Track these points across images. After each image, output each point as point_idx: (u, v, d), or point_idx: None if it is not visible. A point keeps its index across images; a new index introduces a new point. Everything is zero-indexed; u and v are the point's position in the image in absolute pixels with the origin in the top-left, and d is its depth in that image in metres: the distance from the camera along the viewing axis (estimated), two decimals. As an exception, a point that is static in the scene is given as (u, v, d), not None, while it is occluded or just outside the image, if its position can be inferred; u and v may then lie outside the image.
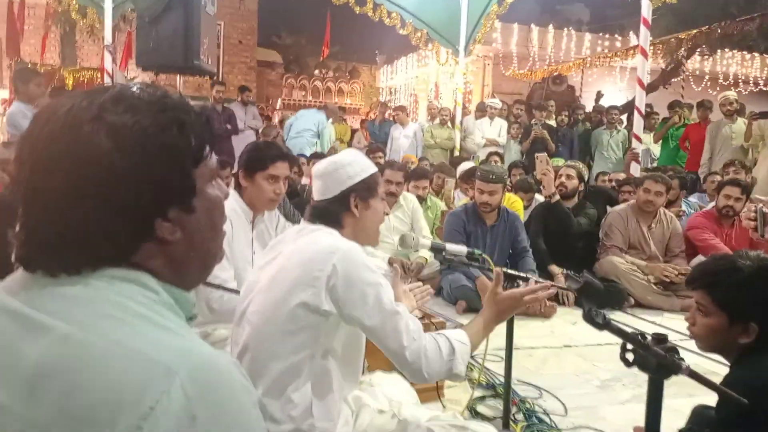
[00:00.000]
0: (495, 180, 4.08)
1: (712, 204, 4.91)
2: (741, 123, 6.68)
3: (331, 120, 8.89)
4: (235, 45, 14.76)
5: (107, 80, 6.58)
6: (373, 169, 1.77)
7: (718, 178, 5.63)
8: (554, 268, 4.33)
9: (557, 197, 4.57)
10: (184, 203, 0.74)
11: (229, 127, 7.61)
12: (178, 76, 6.72)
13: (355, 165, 1.73)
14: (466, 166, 5.95)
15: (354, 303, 1.53)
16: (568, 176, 4.72)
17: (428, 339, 1.60)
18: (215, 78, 7.33)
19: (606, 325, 1.24)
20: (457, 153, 8.25)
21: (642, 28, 5.73)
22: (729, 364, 1.65)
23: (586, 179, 4.97)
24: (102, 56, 7.03)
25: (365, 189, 1.72)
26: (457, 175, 5.94)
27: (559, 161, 7.17)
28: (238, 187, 2.65)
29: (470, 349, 1.66)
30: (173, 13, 5.23)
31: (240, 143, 7.60)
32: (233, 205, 2.59)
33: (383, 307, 1.54)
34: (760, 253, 1.62)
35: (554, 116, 8.58)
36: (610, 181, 6.15)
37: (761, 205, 1.70)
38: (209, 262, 0.83)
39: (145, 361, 0.63)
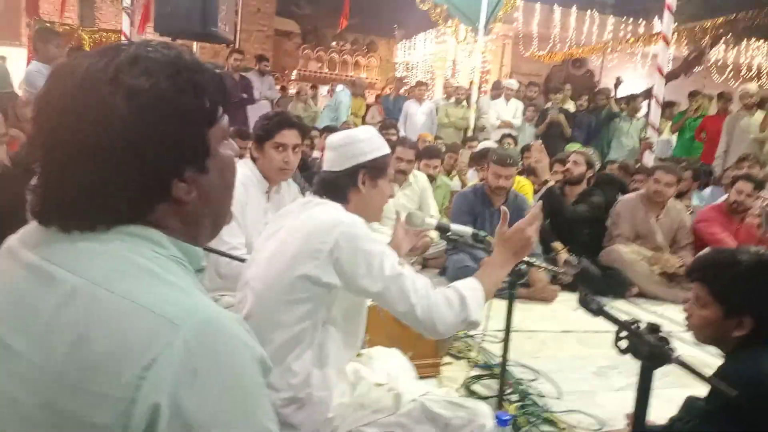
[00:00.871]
0: (511, 164, 4.07)
1: (724, 197, 4.88)
2: (760, 116, 6.60)
3: (350, 92, 8.93)
4: (254, 13, 14.65)
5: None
6: (387, 150, 1.79)
7: (734, 172, 5.58)
8: (557, 245, 4.39)
9: (551, 183, 4.59)
10: (199, 164, 0.76)
11: (245, 96, 7.60)
12: (194, 43, 6.70)
13: (369, 142, 1.75)
14: (485, 144, 5.88)
15: (359, 273, 1.56)
16: (575, 162, 4.70)
17: (437, 294, 1.62)
18: (232, 46, 7.30)
19: (599, 311, 1.26)
20: (470, 133, 8.21)
21: (665, 13, 5.64)
22: (723, 354, 1.67)
23: (597, 167, 4.93)
24: (121, 18, 7.03)
25: (375, 168, 1.74)
26: (472, 154, 5.92)
27: (576, 146, 7.14)
28: (253, 160, 2.68)
29: (483, 294, 1.65)
30: (192, -21, 5.21)
31: (255, 113, 7.59)
32: (248, 174, 2.62)
33: (387, 273, 1.57)
34: (760, 249, 1.63)
35: (572, 100, 8.47)
36: (620, 168, 6.11)
37: (767, 202, 1.71)
38: (221, 220, 0.85)
39: (151, 315, 0.65)
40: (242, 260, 2.13)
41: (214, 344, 0.67)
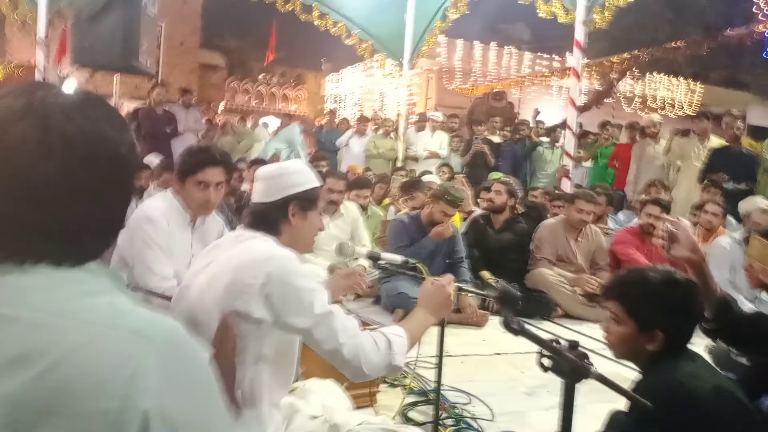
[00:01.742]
0: (460, 206, 4.33)
1: (636, 220, 5.21)
2: (664, 144, 7.11)
3: (300, 128, 9.10)
4: (177, 46, 14.45)
5: (38, 77, 6.33)
6: (317, 183, 1.81)
7: (644, 195, 5.97)
8: (485, 273, 4.55)
9: (476, 213, 4.79)
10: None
11: (168, 130, 7.45)
12: (114, 76, 6.54)
13: (300, 175, 1.77)
14: (429, 178, 5.94)
15: (289, 309, 1.56)
16: (497, 192, 4.91)
17: (364, 336, 1.64)
18: (155, 79, 7.17)
19: (521, 331, 1.33)
20: (399, 163, 8.38)
21: (575, 50, 6.03)
22: (639, 369, 1.78)
23: (519, 195, 5.15)
24: (35, 51, 6.76)
25: (306, 200, 1.75)
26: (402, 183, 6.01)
27: (498, 175, 7.41)
28: (177, 190, 2.63)
29: (408, 342, 1.70)
30: (112, 13, 5.14)
31: (179, 146, 7.46)
32: (168, 206, 2.57)
33: (317, 311, 1.57)
34: (667, 267, 1.76)
35: (498, 132, 8.83)
36: (543, 194, 6.40)
37: (670, 225, 1.85)
38: None
39: (120, 332, 0.69)
40: (168, 298, 2.07)
41: (182, 351, 0.74)
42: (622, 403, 1.89)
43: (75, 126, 0.72)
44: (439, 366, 2.25)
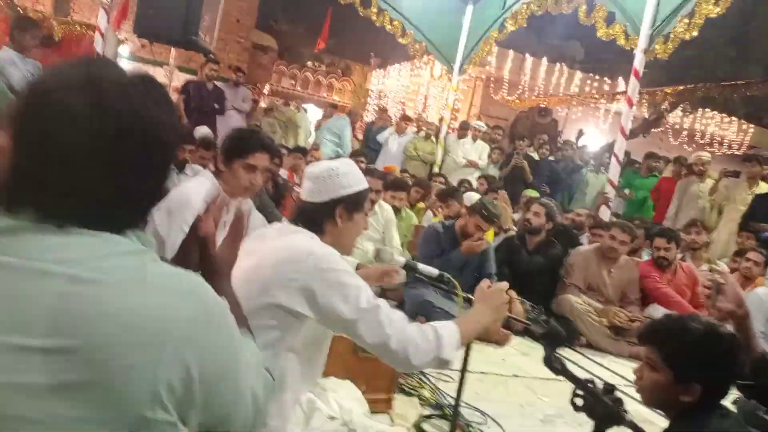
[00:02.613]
0: (495, 223, 4.26)
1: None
2: (709, 183, 6.94)
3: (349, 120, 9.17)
4: (233, 23, 14.60)
5: (98, 39, 6.46)
6: (365, 185, 1.81)
7: (681, 235, 5.84)
8: (511, 293, 4.43)
9: (511, 232, 4.70)
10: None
11: (216, 106, 7.55)
12: (171, 48, 6.64)
13: (349, 176, 1.76)
14: (472, 197, 5.89)
15: (333, 305, 1.56)
16: (536, 213, 4.82)
17: (413, 327, 1.64)
18: (210, 56, 7.26)
19: (563, 371, 1.31)
20: (436, 169, 8.34)
21: (632, 78, 5.91)
22: (668, 418, 1.73)
23: (557, 219, 5.06)
24: (96, 12, 6.91)
25: (353, 202, 1.76)
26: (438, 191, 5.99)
27: (533, 192, 7.33)
28: (217, 170, 2.65)
29: (459, 337, 1.67)
30: (178, -15, 5.18)
31: (224, 123, 7.55)
32: (209, 185, 2.59)
33: (363, 306, 1.57)
34: (710, 319, 1.72)
35: (545, 149, 8.71)
36: (589, 216, 6.33)
37: (718, 276, 1.80)
38: None
39: (152, 287, 0.75)
40: None
41: (210, 303, 0.82)
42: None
43: (126, 104, 0.77)
44: (460, 383, 2.24)
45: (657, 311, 4.36)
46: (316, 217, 1.75)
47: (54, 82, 0.76)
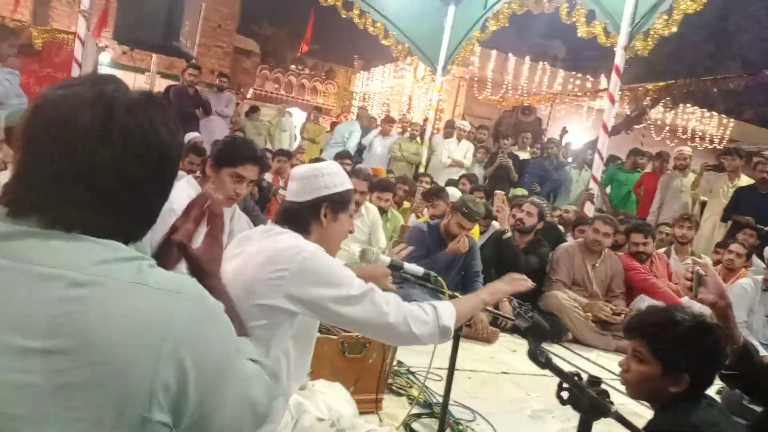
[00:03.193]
0: (478, 221, 4.28)
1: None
2: (692, 177, 7.02)
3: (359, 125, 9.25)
4: (214, 28, 14.56)
5: (78, 46, 6.41)
6: (350, 185, 1.81)
7: (668, 228, 5.90)
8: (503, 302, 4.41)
9: (509, 234, 4.70)
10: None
11: (198, 112, 7.51)
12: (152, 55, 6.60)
13: (334, 176, 1.77)
14: (455, 193, 5.88)
15: (326, 296, 1.56)
16: (529, 213, 4.81)
17: (408, 304, 1.66)
18: (192, 61, 7.22)
19: (547, 364, 1.31)
20: (422, 169, 8.36)
21: (613, 75, 5.96)
22: (653, 408, 1.75)
23: (547, 218, 5.07)
24: (76, 20, 6.85)
25: (338, 202, 1.76)
26: (424, 191, 5.98)
27: (521, 191, 7.37)
28: (203, 175, 2.63)
29: (454, 311, 1.71)
30: (158, -9, 5.15)
31: (205, 128, 7.52)
32: (191, 191, 2.57)
33: (355, 292, 1.58)
34: (695, 310, 1.74)
35: (536, 148, 8.77)
36: (566, 212, 6.37)
37: (698, 267, 1.82)
38: None
39: (149, 288, 0.77)
40: None
41: (205, 304, 0.84)
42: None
43: (135, 122, 0.80)
44: (448, 381, 2.24)
45: (644, 302, 4.39)
46: (302, 217, 1.74)
47: (64, 97, 0.79)
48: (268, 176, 5.89)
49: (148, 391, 0.73)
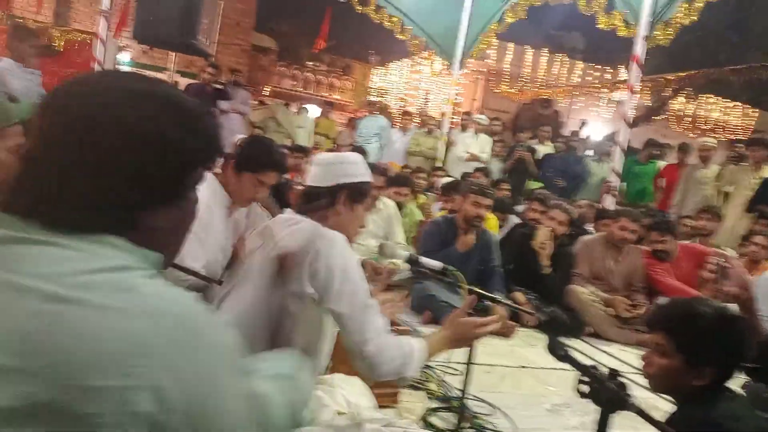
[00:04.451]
0: (491, 195, 4.21)
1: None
2: (715, 169, 6.90)
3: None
4: (232, 26, 14.62)
5: (99, 47, 6.49)
6: (370, 178, 1.86)
7: (691, 221, 5.80)
8: (518, 296, 4.38)
9: (548, 270, 4.56)
10: (171, 202, 0.83)
11: (220, 107, 7.58)
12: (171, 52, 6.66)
13: (356, 167, 1.82)
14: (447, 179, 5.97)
15: (331, 288, 1.60)
16: (560, 223, 4.64)
17: (392, 338, 1.67)
18: (210, 59, 7.28)
19: (566, 358, 1.30)
20: (439, 163, 8.33)
21: (633, 65, 5.88)
22: (675, 402, 1.73)
23: (575, 222, 4.97)
24: (96, 20, 6.94)
25: (356, 191, 1.81)
26: (441, 186, 6.01)
27: (537, 184, 7.32)
28: (223, 172, 2.64)
29: (425, 358, 1.74)
30: (177, -11, 5.19)
31: (224, 125, 7.57)
32: (214, 189, 2.58)
33: (358, 299, 1.61)
34: (718, 302, 1.71)
35: (546, 141, 8.68)
36: (579, 207, 6.30)
37: (723, 260, 1.80)
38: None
39: (129, 309, 0.71)
40: (213, 281, 2.05)
41: (195, 328, 0.76)
42: (648, 430, 1.86)
43: (146, 117, 0.76)
44: (466, 375, 2.24)
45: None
46: (320, 204, 1.78)
47: (73, 92, 0.77)
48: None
49: (118, 417, 0.68)
